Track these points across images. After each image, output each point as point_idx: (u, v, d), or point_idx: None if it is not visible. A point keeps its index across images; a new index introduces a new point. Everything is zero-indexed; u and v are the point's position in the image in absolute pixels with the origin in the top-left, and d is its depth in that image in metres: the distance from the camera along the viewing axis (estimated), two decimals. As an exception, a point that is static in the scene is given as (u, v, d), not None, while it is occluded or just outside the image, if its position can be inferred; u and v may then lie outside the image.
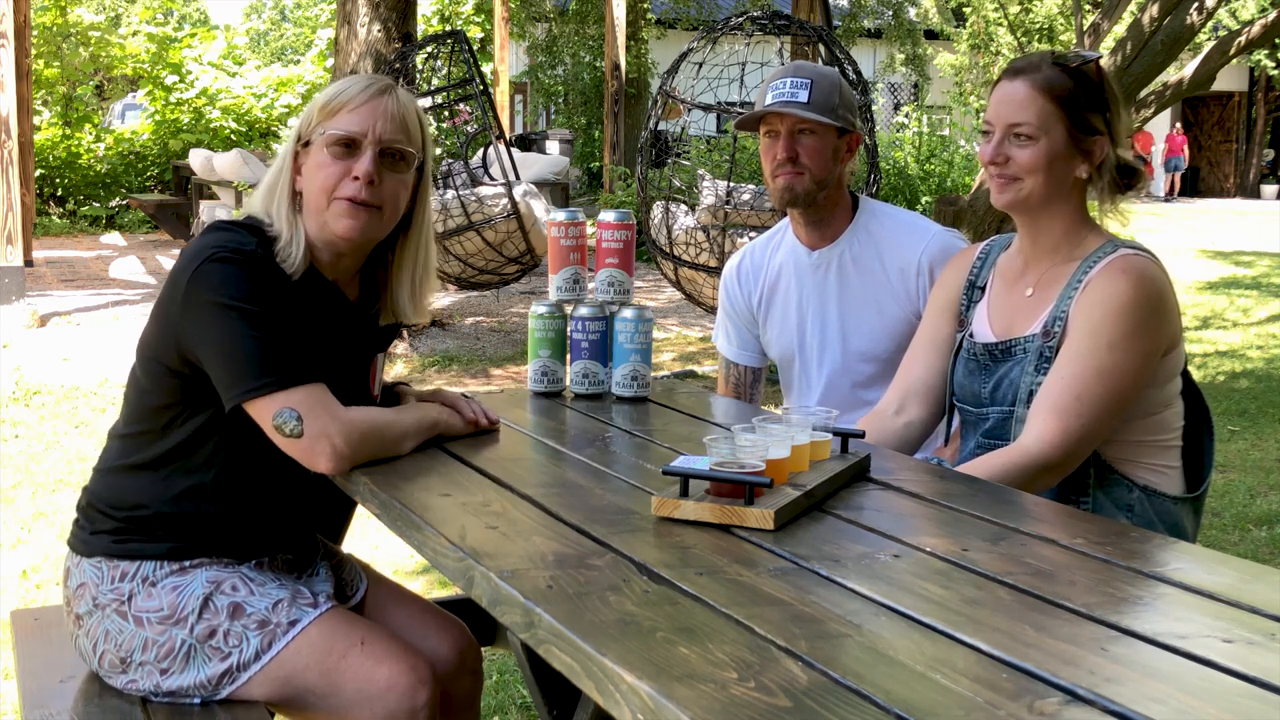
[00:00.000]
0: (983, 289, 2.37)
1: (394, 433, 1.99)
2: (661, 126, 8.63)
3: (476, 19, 22.04)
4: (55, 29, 20.03)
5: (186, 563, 1.95)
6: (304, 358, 1.90)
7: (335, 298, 2.06)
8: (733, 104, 7.15)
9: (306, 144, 2.01)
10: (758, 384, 3.03)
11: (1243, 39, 7.76)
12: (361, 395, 2.11)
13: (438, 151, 9.65)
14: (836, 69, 2.83)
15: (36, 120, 16.74)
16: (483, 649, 2.31)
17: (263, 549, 2.04)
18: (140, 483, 1.97)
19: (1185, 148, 26.16)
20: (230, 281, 1.86)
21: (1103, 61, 2.20)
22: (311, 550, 2.16)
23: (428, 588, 3.81)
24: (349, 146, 1.97)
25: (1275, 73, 24.37)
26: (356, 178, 1.96)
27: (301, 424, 1.84)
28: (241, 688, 1.92)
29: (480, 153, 8.79)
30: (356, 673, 1.91)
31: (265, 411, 1.85)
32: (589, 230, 2.66)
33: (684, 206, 7.16)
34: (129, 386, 2.04)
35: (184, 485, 1.96)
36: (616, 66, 17.95)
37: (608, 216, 2.56)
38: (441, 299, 10.51)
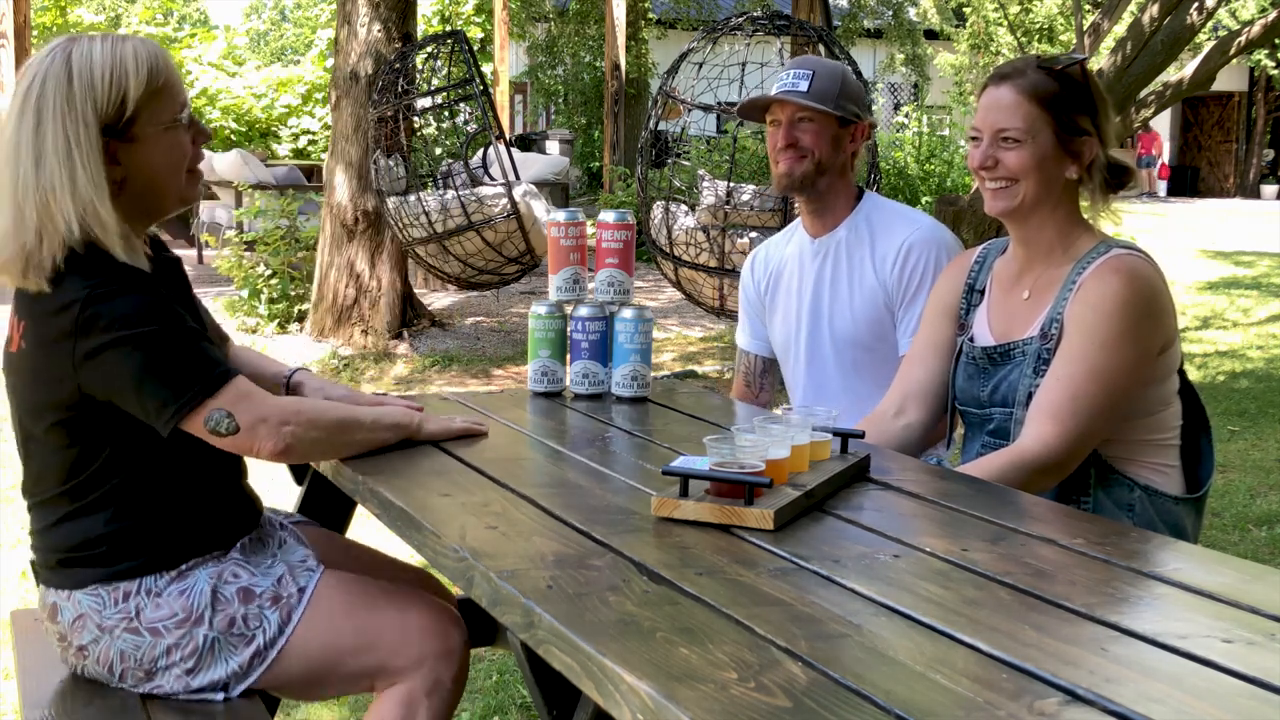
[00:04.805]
0: (982, 293, 2.38)
1: (340, 414, 1.99)
2: (661, 126, 8.64)
3: (476, 19, 22.05)
4: (55, 29, 20.04)
5: (182, 566, 1.93)
6: (211, 356, 1.86)
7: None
8: (733, 104, 7.14)
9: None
10: (767, 374, 3.07)
11: (1243, 39, 7.75)
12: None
13: (438, 151, 9.65)
14: (844, 63, 2.86)
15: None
16: (483, 649, 2.31)
17: (236, 528, 2.01)
18: (93, 520, 1.91)
19: (1155, 144, 25.89)
20: (123, 313, 1.81)
21: (1103, 62, 2.21)
22: (268, 524, 2.13)
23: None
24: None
25: (1275, 73, 24.33)
26: None
27: (233, 419, 1.82)
28: (275, 666, 1.92)
29: (480, 153, 8.79)
30: (390, 620, 1.93)
31: (197, 423, 1.83)
32: (589, 230, 2.66)
33: (684, 206, 7.16)
34: (31, 454, 1.96)
35: (135, 503, 1.91)
36: (616, 66, 17.95)
37: (608, 216, 2.57)
38: (442, 299, 10.52)
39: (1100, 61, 7.86)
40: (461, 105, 9.37)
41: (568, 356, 2.56)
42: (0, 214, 1.86)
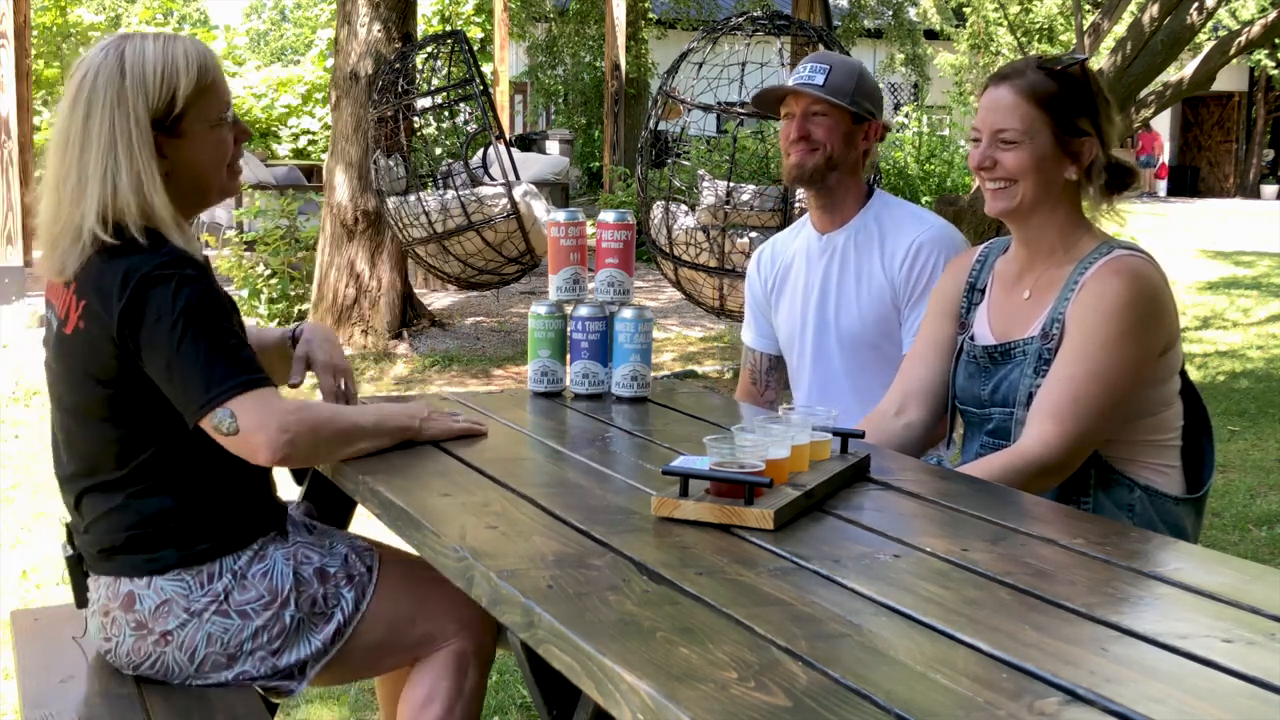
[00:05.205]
0: (983, 291, 2.38)
1: (343, 423, 1.99)
2: (661, 126, 8.64)
3: (476, 19, 22.04)
4: (55, 29, 20.03)
5: (254, 546, 1.97)
6: (244, 357, 1.88)
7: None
8: (733, 104, 7.15)
9: None
10: (774, 372, 3.06)
11: (1243, 39, 7.75)
12: None
13: (438, 151, 9.65)
14: (861, 62, 2.86)
15: (36, 120, 16.72)
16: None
17: (279, 508, 2.07)
18: (160, 499, 1.93)
19: (1155, 144, 25.79)
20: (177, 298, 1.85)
21: (1103, 62, 2.21)
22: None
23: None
24: None
25: (1275, 73, 24.30)
26: None
27: (236, 420, 1.83)
28: (351, 641, 1.99)
29: (480, 153, 8.79)
30: (438, 589, 2.02)
31: (208, 420, 1.85)
32: (589, 230, 2.66)
33: (684, 206, 7.15)
34: (86, 439, 1.96)
35: (199, 481, 1.94)
36: (616, 66, 17.95)
37: (608, 216, 2.57)
38: (441, 299, 10.52)
39: (1100, 61, 7.86)
40: (461, 105, 9.37)
41: (568, 356, 2.56)
42: (42, 203, 1.93)
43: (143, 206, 1.88)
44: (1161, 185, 25.96)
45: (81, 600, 2.04)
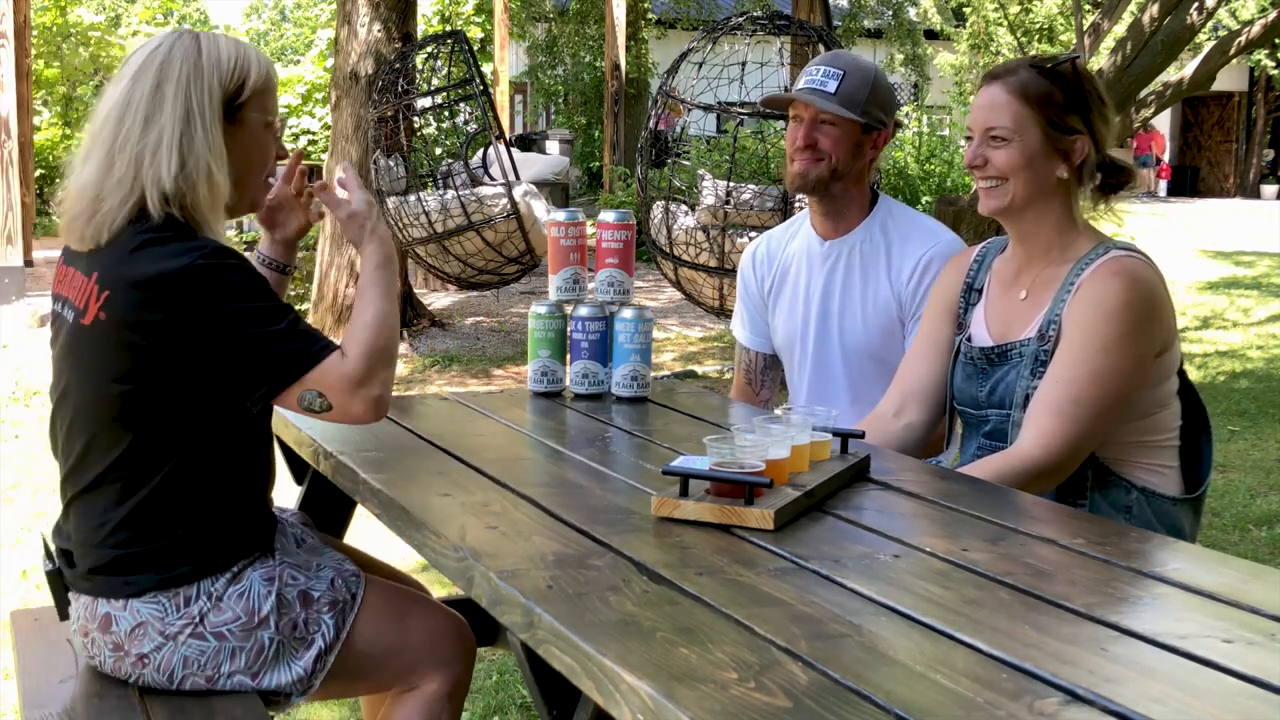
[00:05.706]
0: (980, 292, 2.38)
1: (382, 327, 1.90)
2: (661, 126, 8.64)
3: (476, 19, 22.04)
4: (55, 29, 20.02)
5: (234, 568, 1.92)
6: (305, 332, 1.84)
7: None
8: (733, 104, 7.15)
9: None
10: (769, 370, 3.03)
11: (1243, 39, 7.75)
12: None
13: (438, 151, 9.65)
14: (877, 64, 2.79)
15: (36, 120, 16.74)
16: (483, 649, 2.31)
17: (270, 529, 2.02)
18: (150, 522, 1.89)
19: (1153, 143, 25.72)
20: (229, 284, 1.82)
21: (1103, 62, 2.22)
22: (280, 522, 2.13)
23: (427, 587, 3.81)
24: None
25: (1275, 73, 24.31)
26: None
27: (324, 398, 1.82)
28: (333, 669, 1.95)
29: (480, 153, 8.79)
30: (422, 623, 2.02)
31: (290, 401, 1.83)
32: (589, 230, 2.66)
33: (684, 206, 7.16)
34: (78, 434, 1.91)
35: (188, 503, 1.90)
36: (616, 66, 17.95)
37: (608, 216, 2.56)
38: (441, 299, 10.52)
39: (1100, 61, 7.86)
40: (461, 105, 9.37)
41: (568, 356, 2.56)
42: (86, 167, 1.88)
43: (209, 178, 1.85)
44: (1162, 185, 25.95)
45: (64, 613, 2.02)
